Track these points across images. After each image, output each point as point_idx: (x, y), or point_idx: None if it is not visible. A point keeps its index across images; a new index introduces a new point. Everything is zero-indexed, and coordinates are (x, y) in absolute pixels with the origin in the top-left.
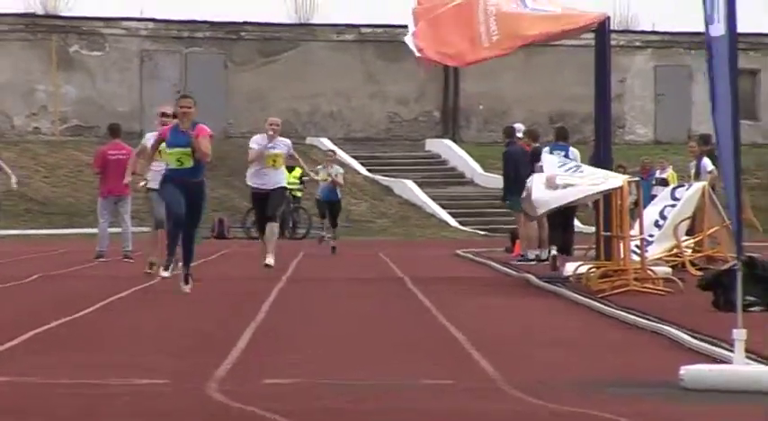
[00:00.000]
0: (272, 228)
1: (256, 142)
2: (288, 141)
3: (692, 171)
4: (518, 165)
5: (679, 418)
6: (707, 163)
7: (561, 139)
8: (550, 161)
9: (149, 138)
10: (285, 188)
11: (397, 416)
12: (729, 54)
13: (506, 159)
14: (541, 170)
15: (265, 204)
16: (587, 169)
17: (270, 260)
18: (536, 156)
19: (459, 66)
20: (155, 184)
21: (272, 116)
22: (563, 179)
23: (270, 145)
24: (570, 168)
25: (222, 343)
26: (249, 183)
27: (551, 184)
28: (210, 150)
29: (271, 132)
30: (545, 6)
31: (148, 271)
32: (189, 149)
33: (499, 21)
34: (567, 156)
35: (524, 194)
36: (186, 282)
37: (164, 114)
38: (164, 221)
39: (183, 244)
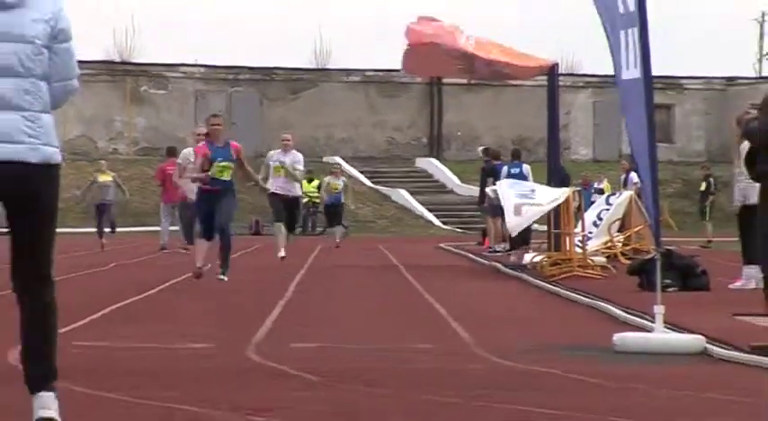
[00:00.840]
0: (291, 235)
1: (271, 158)
2: (299, 156)
3: (622, 183)
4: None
5: (614, 374)
6: (633, 176)
7: (516, 158)
8: (508, 194)
9: (186, 155)
10: (299, 198)
11: (400, 371)
12: (645, 92)
13: (483, 174)
14: (492, 184)
15: (282, 205)
16: (539, 190)
17: (282, 253)
18: (492, 171)
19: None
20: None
21: (286, 134)
22: (528, 207)
23: (284, 158)
24: (524, 193)
25: (257, 316)
26: (270, 189)
27: (518, 211)
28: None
29: (286, 151)
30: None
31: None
32: (230, 164)
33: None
34: (521, 171)
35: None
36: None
37: (200, 134)
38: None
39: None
